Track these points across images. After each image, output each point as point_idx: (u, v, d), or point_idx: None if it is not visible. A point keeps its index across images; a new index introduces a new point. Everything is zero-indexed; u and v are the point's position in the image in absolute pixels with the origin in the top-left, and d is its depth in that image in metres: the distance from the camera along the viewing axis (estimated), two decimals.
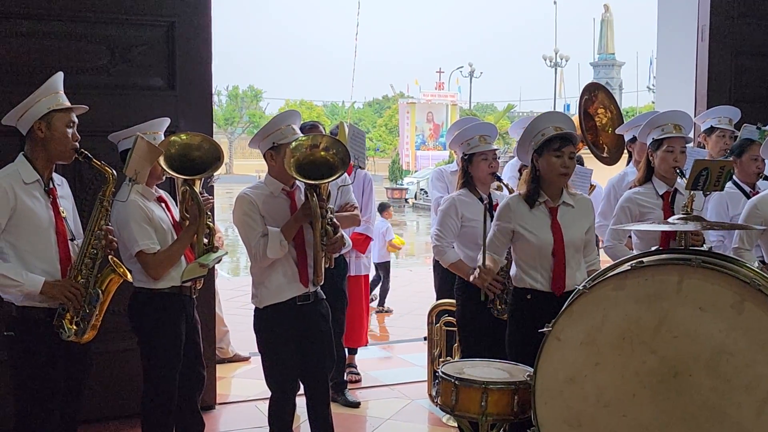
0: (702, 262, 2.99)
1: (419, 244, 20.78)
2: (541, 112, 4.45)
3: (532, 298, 4.00)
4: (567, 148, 3.95)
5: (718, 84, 6.75)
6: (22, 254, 3.55)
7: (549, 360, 3.18)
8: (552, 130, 3.98)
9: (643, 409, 3.01)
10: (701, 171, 3.87)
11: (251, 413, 5.62)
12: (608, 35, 48.22)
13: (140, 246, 3.92)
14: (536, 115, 4.37)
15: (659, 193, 4.54)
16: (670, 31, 7.34)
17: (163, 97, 5.29)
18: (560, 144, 3.94)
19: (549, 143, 3.95)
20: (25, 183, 3.57)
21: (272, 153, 4.07)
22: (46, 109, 3.59)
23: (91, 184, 5.01)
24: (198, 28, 5.38)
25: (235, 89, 61.98)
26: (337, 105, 68.55)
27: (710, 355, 2.94)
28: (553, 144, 3.95)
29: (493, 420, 3.45)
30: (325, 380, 4.25)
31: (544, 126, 4.02)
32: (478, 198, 4.78)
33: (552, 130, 3.98)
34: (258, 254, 3.97)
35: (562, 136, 3.96)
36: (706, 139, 5.86)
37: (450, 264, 4.77)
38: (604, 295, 3.11)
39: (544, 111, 4.52)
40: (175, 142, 4.09)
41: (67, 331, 3.59)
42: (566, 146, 3.95)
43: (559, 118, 4.14)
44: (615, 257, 4.34)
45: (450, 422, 5.32)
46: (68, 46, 5.06)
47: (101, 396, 5.04)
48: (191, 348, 4.20)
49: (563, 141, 3.95)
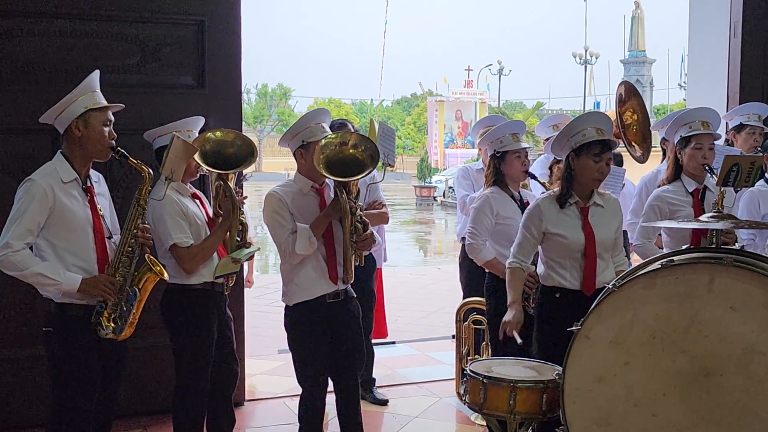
0: (734, 261, 2.96)
1: (447, 242, 20.74)
2: (569, 110, 4.41)
3: (560, 296, 3.99)
4: (606, 155, 3.92)
5: (751, 80, 6.67)
6: (59, 252, 3.59)
7: (578, 359, 3.17)
8: (593, 132, 3.91)
9: (673, 408, 3.00)
10: (732, 167, 3.83)
11: (280, 410, 5.65)
12: (639, 32, 47.74)
13: (174, 239, 3.96)
14: (560, 114, 4.34)
15: (689, 190, 4.50)
16: (701, 28, 7.27)
17: (193, 96, 5.33)
18: (601, 149, 3.91)
19: (589, 146, 3.91)
20: (63, 182, 3.61)
21: (302, 151, 4.09)
22: (83, 108, 3.62)
23: (122, 182, 5.06)
24: (228, 27, 5.41)
25: (264, 87, 62.26)
26: (365, 103, 68.64)
27: (741, 354, 2.91)
28: (594, 149, 3.90)
29: (521, 419, 3.44)
30: (354, 378, 4.26)
31: (586, 126, 3.95)
32: (509, 196, 4.78)
33: (593, 132, 3.91)
34: (287, 251, 3.99)
35: (604, 142, 3.92)
36: (735, 136, 5.80)
37: (485, 262, 4.76)
38: (634, 293, 3.09)
39: (573, 109, 4.50)
40: (210, 138, 4.14)
41: (106, 328, 3.63)
42: (606, 152, 3.92)
43: (602, 120, 4.04)
44: (645, 256, 4.31)
45: (478, 421, 5.31)
46: (99, 45, 5.11)
47: (133, 391, 5.10)
48: (224, 344, 4.23)
49: (603, 146, 3.92)
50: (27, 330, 4.97)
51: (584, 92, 49.87)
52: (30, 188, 3.54)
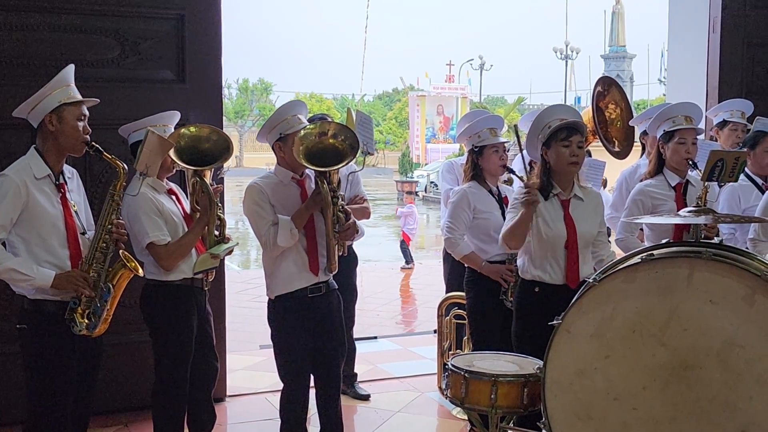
0: (713, 254, 2.97)
1: (429, 237, 20.76)
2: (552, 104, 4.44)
3: (540, 290, 4.00)
4: (574, 138, 3.95)
5: (730, 76, 6.71)
6: (32, 248, 3.56)
7: (559, 353, 3.17)
8: (558, 122, 3.99)
9: (654, 402, 3.01)
10: (717, 162, 3.85)
11: (262, 405, 5.64)
12: (619, 27, 48.00)
13: (151, 237, 3.92)
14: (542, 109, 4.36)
15: (671, 184, 4.53)
16: (681, 23, 7.30)
17: (173, 90, 5.30)
18: (567, 134, 3.94)
19: (556, 134, 3.95)
20: (36, 178, 3.57)
21: (280, 144, 4.06)
22: (57, 102, 3.58)
23: (101, 177, 5.03)
24: (208, 21, 5.38)
25: (245, 82, 62.03)
26: (347, 98, 68.54)
27: (721, 347, 2.92)
28: (560, 134, 3.95)
29: (502, 412, 3.45)
30: (336, 372, 4.25)
31: (550, 119, 4.03)
32: (487, 190, 4.79)
33: (558, 122, 3.99)
34: (268, 243, 3.97)
35: (568, 126, 3.96)
36: (719, 132, 5.84)
37: (463, 256, 4.77)
38: (615, 287, 3.09)
39: (554, 104, 4.51)
40: (185, 134, 4.10)
41: (79, 325, 3.60)
42: (573, 135, 3.95)
43: (564, 110, 4.15)
44: (627, 250, 4.33)
45: (460, 415, 5.33)
46: (78, 39, 5.07)
47: (113, 388, 5.07)
48: (204, 340, 4.21)
49: (570, 131, 3.95)
50: (8, 326, 4.91)
51: (565, 87, 50.15)
52: (3, 184, 3.50)
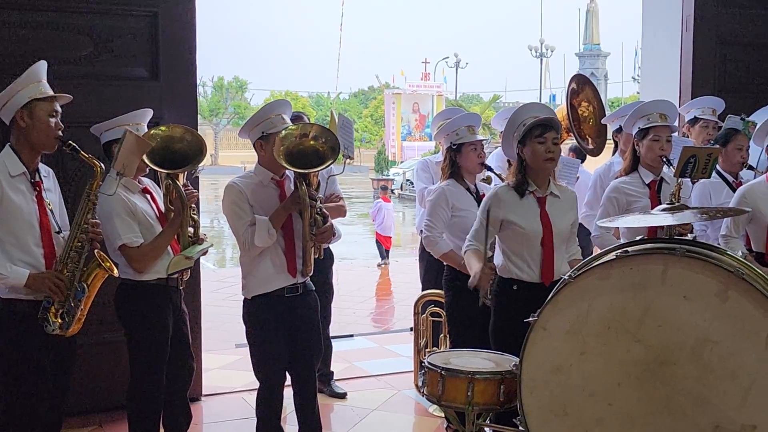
0: (686, 251, 2.99)
1: (405, 235, 20.78)
2: (526, 102, 4.47)
3: (518, 288, 4.01)
4: (549, 134, 3.96)
5: (703, 74, 6.77)
6: (5, 247, 3.53)
7: (535, 350, 3.19)
8: (531, 119, 4.00)
9: (629, 397, 3.03)
10: (689, 158, 3.88)
11: (238, 404, 5.61)
12: (593, 26, 48.30)
13: (123, 239, 3.89)
14: (517, 107, 4.40)
15: (646, 182, 4.56)
16: (654, 22, 7.35)
17: (147, 88, 5.25)
18: (542, 130, 3.95)
19: (530, 131, 3.97)
20: (11, 176, 3.54)
21: (262, 142, 4.05)
22: (28, 98, 3.56)
23: (75, 176, 4.97)
24: (181, 18, 5.34)
25: (220, 80, 61.69)
26: (322, 96, 68.50)
27: (694, 343, 2.95)
28: (535, 131, 3.96)
29: (479, 409, 3.45)
30: (312, 371, 4.25)
31: (524, 117, 4.05)
32: (465, 188, 4.79)
33: (531, 119, 4.00)
34: (246, 243, 3.96)
35: (543, 123, 3.97)
36: (690, 129, 5.90)
37: (442, 254, 4.77)
38: (590, 284, 3.11)
39: (529, 101, 4.55)
40: (156, 135, 4.04)
41: (52, 324, 3.57)
42: (548, 132, 3.96)
43: (538, 108, 4.17)
44: (603, 246, 4.34)
45: (436, 412, 5.33)
46: (50, 36, 5.01)
47: (88, 388, 5.03)
48: (179, 339, 4.18)
49: (544, 127, 3.96)
50: None
51: (540, 85, 50.42)
52: None
